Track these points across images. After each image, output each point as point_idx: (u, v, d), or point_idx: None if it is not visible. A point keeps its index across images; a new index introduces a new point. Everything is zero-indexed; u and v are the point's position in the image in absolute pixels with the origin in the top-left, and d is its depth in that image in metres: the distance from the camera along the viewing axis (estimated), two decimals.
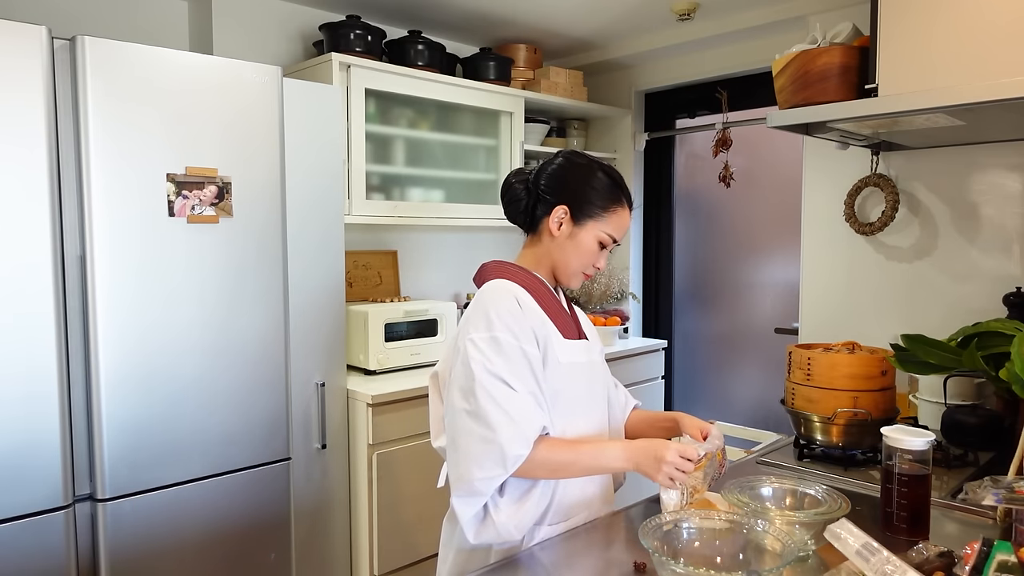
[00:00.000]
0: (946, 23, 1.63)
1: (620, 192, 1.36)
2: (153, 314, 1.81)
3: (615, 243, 1.38)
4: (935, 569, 1.03)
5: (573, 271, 1.37)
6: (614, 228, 1.35)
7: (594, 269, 1.39)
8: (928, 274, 2.36)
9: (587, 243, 1.35)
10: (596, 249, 1.36)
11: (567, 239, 1.35)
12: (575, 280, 1.39)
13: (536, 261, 1.40)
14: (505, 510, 1.24)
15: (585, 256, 1.36)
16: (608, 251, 1.39)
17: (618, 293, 3.53)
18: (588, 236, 1.35)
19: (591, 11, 2.85)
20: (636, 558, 1.17)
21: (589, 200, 1.34)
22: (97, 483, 1.75)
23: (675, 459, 1.20)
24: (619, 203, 1.36)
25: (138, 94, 1.76)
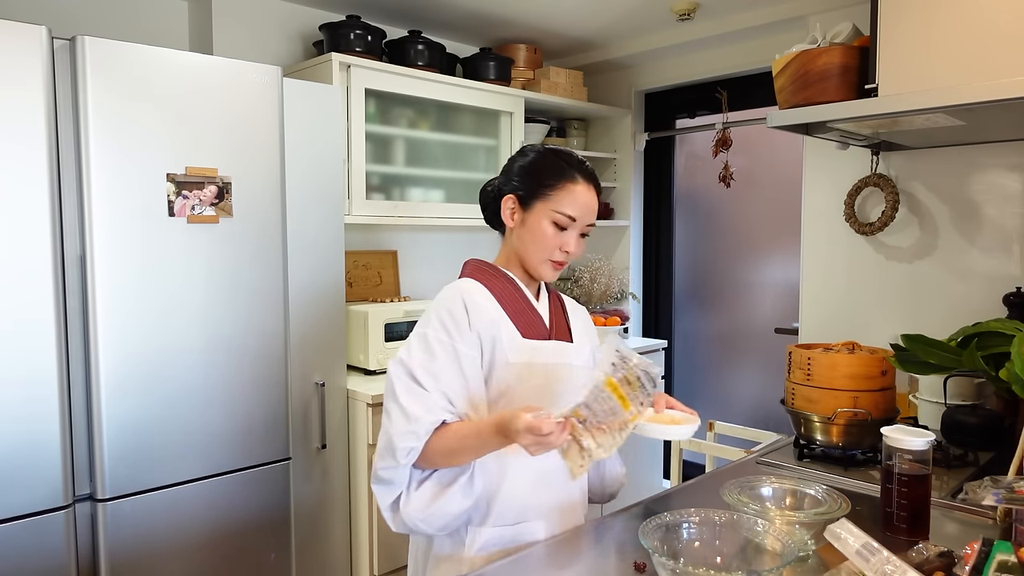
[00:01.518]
0: (946, 23, 1.63)
1: (567, 167, 1.31)
2: (153, 314, 1.81)
3: (573, 220, 1.30)
4: (935, 569, 1.03)
5: (537, 259, 1.32)
6: (566, 205, 1.29)
7: (563, 254, 1.32)
8: (928, 274, 2.36)
9: (540, 226, 1.30)
10: (551, 231, 1.29)
11: (521, 227, 1.33)
12: (544, 269, 1.33)
13: (507, 259, 1.38)
14: (414, 503, 1.23)
15: (541, 240, 1.30)
16: (576, 233, 1.32)
17: (618, 293, 3.53)
18: (539, 219, 1.30)
19: (591, 11, 2.85)
20: (636, 558, 1.17)
21: (534, 182, 1.31)
22: (97, 483, 1.75)
23: (528, 439, 1.09)
24: (567, 178, 1.30)
25: (138, 94, 1.76)
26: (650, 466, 3.48)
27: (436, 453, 1.22)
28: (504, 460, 1.27)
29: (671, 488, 1.72)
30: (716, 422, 2.79)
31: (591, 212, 1.32)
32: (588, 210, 1.31)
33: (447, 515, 1.23)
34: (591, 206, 1.32)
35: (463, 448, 1.21)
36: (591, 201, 1.32)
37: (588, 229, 1.34)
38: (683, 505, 1.30)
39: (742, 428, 2.76)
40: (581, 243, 1.34)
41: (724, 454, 2.57)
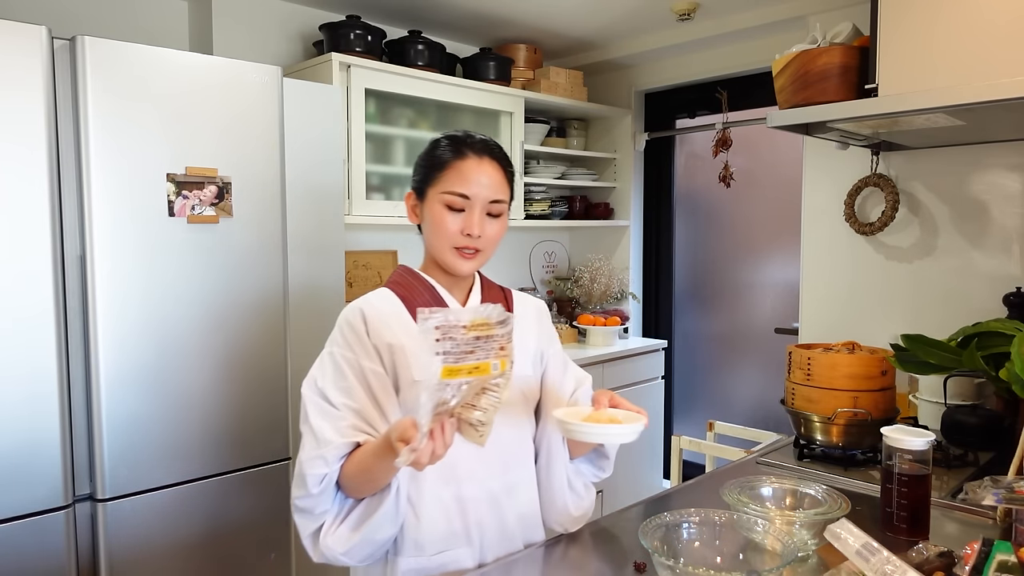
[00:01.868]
0: (946, 23, 1.63)
1: (454, 145, 1.22)
2: (153, 314, 1.81)
3: (466, 198, 1.19)
4: (935, 569, 1.03)
5: (441, 250, 1.22)
6: (454, 183, 1.19)
7: (465, 238, 1.20)
8: (928, 274, 2.36)
9: (435, 213, 1.21)
10: (447, 215, 1.19)
11: (423, 222, 1.25)
12: (451, 259, 1.22)
13: (426, 261, 1.31)
14: (336, 534, 1.12)
15: (440, 227, 1.20)
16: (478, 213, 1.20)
17: (618, 293, 3.53)
18: (432, 205, 1.21)
19: (591, 11, 2.85)
20: (636, 558, 1.17)
21: (424, 169, 1.24)
22: (97, 483, 1.75)
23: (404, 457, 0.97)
24: (455, 156, 1.20)
25: (138, 94, 1.76)
26: (650, 466, 3.48)
27: (348, 478, 1.11)
28: (420, 486, 1.17)
29: (671, 488, 1.72)
30: (716, 422, 2.79)
31: (489, 187, 1.20)
32: (483, 186, 1.19)
33: (373, 544, 1.13)
34: (487, 181, 1.20)
35: (365, 471, 1.09)
36: (486, 176, 1.20)
37: (497, 208, 1.23)
38: (683, 505, 1.30)
39: (742, 428, 2.76)
40: (494, 225, 1.23)
41: (724, 454, 2.57)
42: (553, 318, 3.48)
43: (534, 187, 3.33)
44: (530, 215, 3.27)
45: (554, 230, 3.78)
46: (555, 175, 3.44)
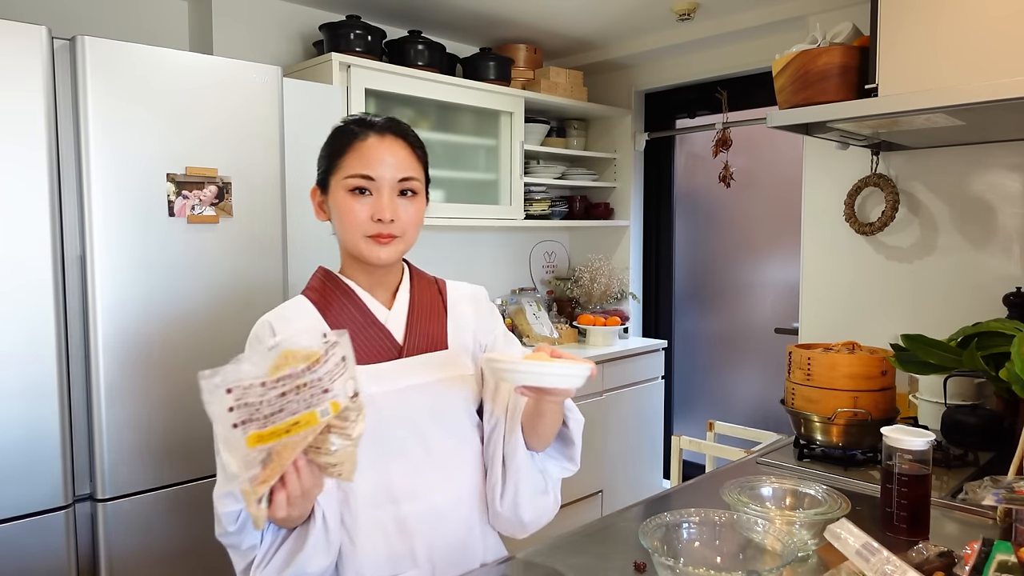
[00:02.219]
0: (946, 23, 1.63)
1: (352, 127, 1.15)
2: (153, 314, 1.81)
3: (371, 179, 1.10)
4: (935, 569, 1.03)
5: (354, 242, 1.13)
6: (355, 164, 1.11)
7: (376, 223, 1.10)
8: (928, 274, 2.36)
9: (340, 201, 1.12)
10: (352, 201, 1.11)
11: (332, 217, 1.16)
12: (367, 249, 1.12)
13: (343, 262, 1.21)
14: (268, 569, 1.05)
15: (346, 215, 1.11)
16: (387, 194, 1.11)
17: (618, 293, 3.53)
18: (337, 195, 1.13)
19: (591, 11, 2.85)
20: (636, 558, 1.17)
21: (324, 159, 1.17)
22: (97, 483, 1.75)
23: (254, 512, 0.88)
24: (354, 138, 1.13)
25: (138, 94, 1.76)
26: (650, 466, 3.48)
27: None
28: (354, 510, 1.11)
29: (671, 488, 1.72)
30: (716, 422, 2.79)
31: (395, 165, 1.11)
32: (387, 164, 1.11)
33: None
34: (392, 159, 1.11)
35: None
36: (389, 153, 1.11)
37: (411, 185, 1.13)
38: (683, 505, 1.30)
39: (742, 428, 2.76)
40: (409, 206, 1.13)
41: (724, 454, 2.57)
42: (553, 318, 3.48)
43: (534, 187, 3.33)
44: (530, 215, 3.27)
45: (554, 230, 3.78)
46: (555, 175, 3.44)
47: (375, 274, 1.19)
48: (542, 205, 3.34)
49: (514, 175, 3.10)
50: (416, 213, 1.15)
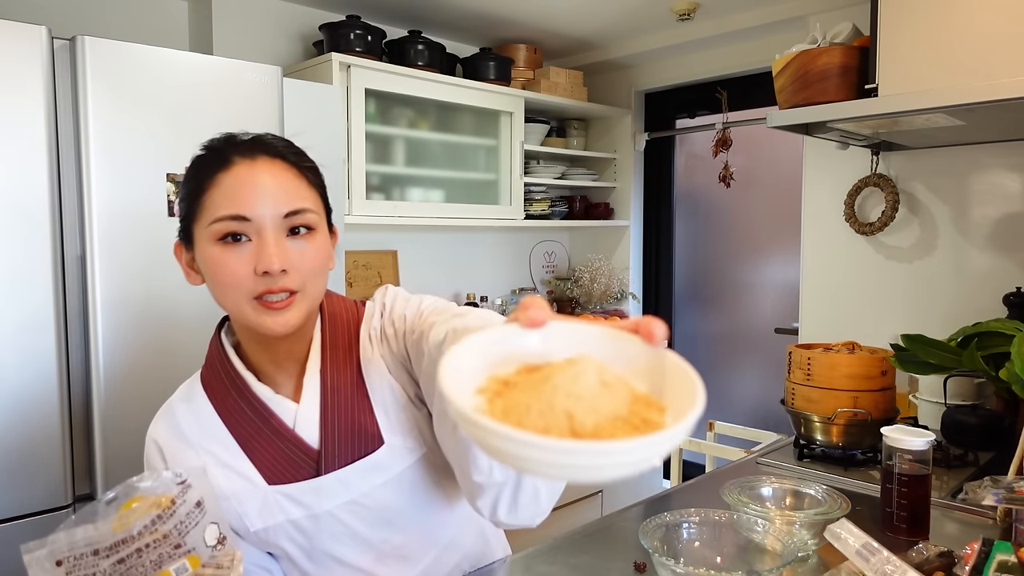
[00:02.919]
0: (946, 23, 1.63)
1: (211, 157, 0.85)
2: (153, 314, 1.81)
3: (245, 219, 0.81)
4: (935, 569, 1.03)
5: (237, 308, 0.85)
6: (220, 204, 0.82)
7: (263, 278, 0.82)
8: (928, 274, 2.36)
9: (208, 257, 0.83)
10: (223, 254, 0.82)
11: (201, 276, 0.89)
12: (259, 318, 0.84)
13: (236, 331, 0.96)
14: None
15: (218, 275, 0.83)
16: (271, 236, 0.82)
17: (618, 293, 3.53)
18: (203, 248, 0.84)
19: (591, 11, 2.85)
20: (636, 558, 1.17)
21: (184, 204, 0.87)
22: (97, 483, 1.75)
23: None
24: (214, 169, 0.84)
25: (138, 94, 1.76)
26: None
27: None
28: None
29: (671, 488, 1.72)
30: (716, 422, 2.79)
31: (274, 196, 0.82)
32: (264, 196, 0.81)
33: None
34: (269, 188, 0.82)
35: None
36: (268, 179, 0.82)
37: (303, 220, 0.84)
38: (683, 505, 1.30)
39: (742, 428, 2.76)
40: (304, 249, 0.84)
41: (724, 454, 2.57)
42: None
43: (534, 187, 3.33)
44: (530, 215, 3.27)
45: (554, 230, 3.78)
46: (555, 175, 3.44)
47: (277, 348, 0.91)
48: (542, 205, 3.34)
49: (514, 175, 3.10)
50: (316, 256, 0.85)
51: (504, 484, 0.80)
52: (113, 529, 0.66)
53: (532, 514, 0.86)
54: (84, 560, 0.65)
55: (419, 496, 0.95)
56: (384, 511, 0.93)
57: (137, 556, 0.67)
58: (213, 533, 0.72)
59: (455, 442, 0.79)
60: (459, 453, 0.79)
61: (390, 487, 0.92)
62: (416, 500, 0.95)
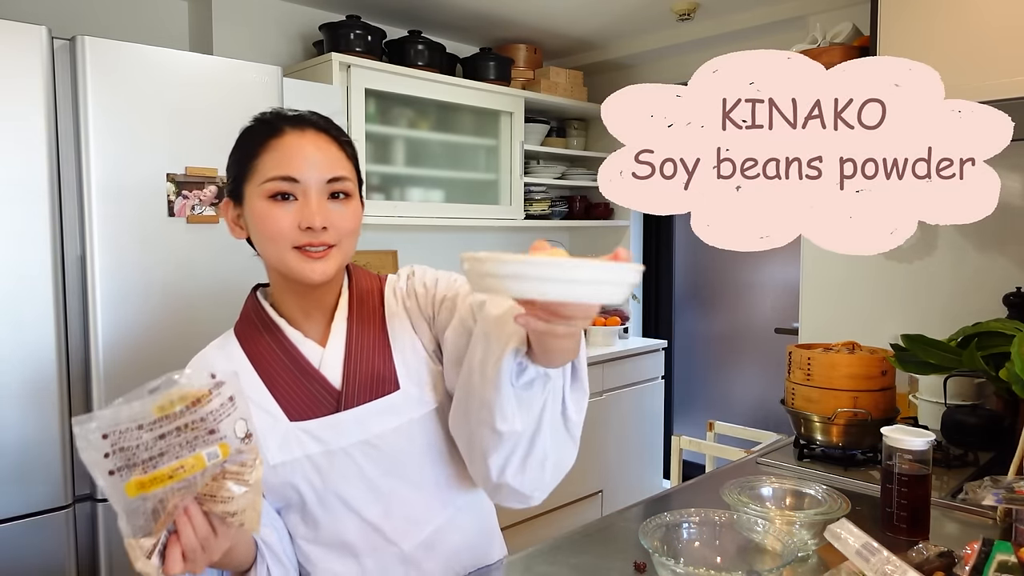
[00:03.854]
0: (946, 24, 1.64)
1: (262, 124, 0.97)
2: (153, 314, 1.81)
3: (295, 180, 0.92)
4: (935, 569, 1.03)
5: (281, 257, 0.94)
6: (272, 166, 0.93)
7: (306, 233, 0.92)
8: (928, 274, 2.36)
9: (257, 211, 0.93)
10: (274, 209, 0.93)
11: (250, 231, 0.98)
12: (296, 265, 0.94)
13: (273, 286, 1.03)
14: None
15: (267, 227, 0.93)
16: (315, 197, 0.93)
17: None
18: (253, 204, 0.94)
19: (591, 11, 2.85)
20: (636, 558, 1.17)
21: (235, 165, 0.98)
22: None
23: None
24: (266, 136, 0.95)
25: (138, 94, 1.76)
26: (650, 466, 3.48)
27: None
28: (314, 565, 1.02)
29: (671, 488, 1.72)
30: (716, 422, 2.79)
31: (320, 163, 0.94)
32: (312, 162, 0.93)
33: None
34: (316, 156, 0.94)
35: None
36: (314, 150, 0.94)
37: (342, 187, 0.96)
38: (683, 505, 1.30)
39: (742, 428, 2.76)
40: (342, 210, 0.96)
41: (724, 454, 2.57)
42: None
43: (534, 187, 3.33)
44: (530, 215, 3.27)
45: (554, 230, 3.78)
46: (555, 175, 3.44)
47: (309, 296, 1.00)
48: (542, 205, 3.34)
49: (514, 175, 3.10)
50: (352, 218, 0.98)
51: (521, 436, 0.87)
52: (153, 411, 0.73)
53: (536, 483, 0.93)
54: (128, 433, 0.72)
55: (427, 452, 1.02)
56: (394, 456, 0.99)
57: (176, 434, 0.73)
58: (242, 427, 0.78)
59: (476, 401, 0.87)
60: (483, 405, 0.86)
61: (401, 433, 0.99)
62: (424, 455, 1.02)
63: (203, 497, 0.78)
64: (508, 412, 0.84)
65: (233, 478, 0.78)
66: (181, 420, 0.74)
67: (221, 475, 0.77)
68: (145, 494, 0.73)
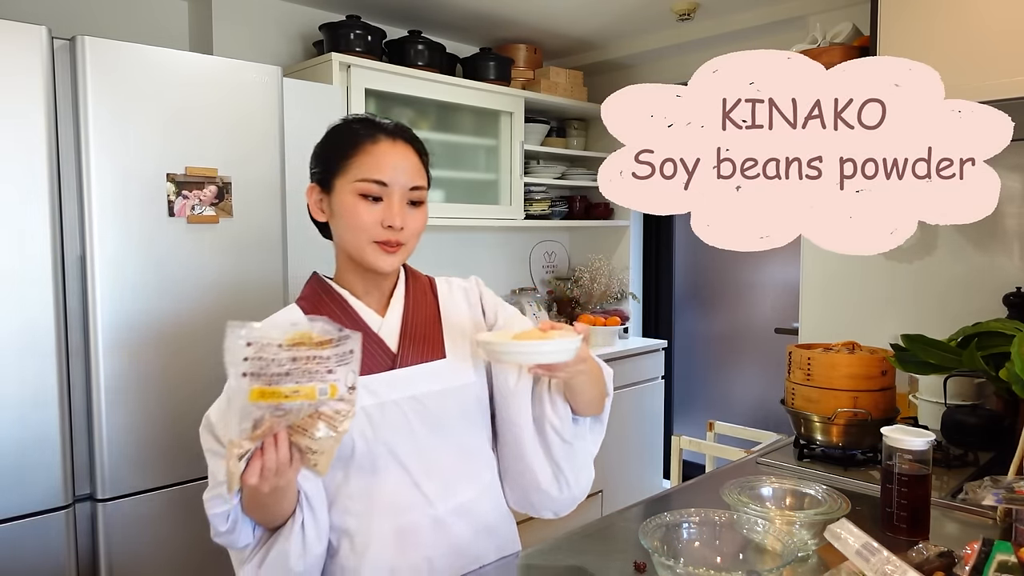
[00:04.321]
0: (946, 24, 1.64)
1: (362, 128, 1.11)
2: (153, 314, 1.81)
3: (384, 184, 1.07)
4: (935, 569, 1.03)
5: (358, 246, 1.09)
6: (368, 168, 1.07)
7: (387, 231, 1.08)
8: (928, 274, 2.36)
9: (346, 205, 1.08)
10: (360, 205, 1.07)
11: (332, 217, 1.12)
12: (371, 255, 1.09)
13: (340, 265, 1.18)
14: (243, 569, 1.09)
15: (353, 220, 1.08)
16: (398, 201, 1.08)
17: (618, 293, 3.54)
18: (343, 197, 1.08)
19: (591, 11, 2.85)
20: (636, 558, 1.17)
21: (329, 158, 1.12)
22: (97, 483, 1.75)
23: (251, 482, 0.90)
24: (364, 139, 1.09)
25: (138, 94, 1.76)
26: (650, 466, 3.48)
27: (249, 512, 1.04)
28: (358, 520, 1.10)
29: (671, 488, 1.72)
30: (716, 422, 2.79)
31: (406, 172, 1.09)
32: (400, 170, 1.09)
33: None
34: (404, 165, 1.09)
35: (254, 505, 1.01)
36: (402, 160, 1.09)
37: (418, 195, 1.11)
38: (683, 505, 1.30)
39: (742, 428, 2.76)
40: (415, 216, 1.11)
41: (724, 454, 2.57)
42: (553, 318, 3.48)
43: (534, 187, 3.33)
44: (530, 215, 3.27)
45: (554, 230, 3.78)
46: (555, 175, 3.44)
47: (372, 279, 1.16)
48: (542, 205, 3.34)
49: (514, 175, 3.11)
50: (422, 222, 1.14)
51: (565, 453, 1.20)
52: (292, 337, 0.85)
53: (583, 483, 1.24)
54: (268, 348, 0.84)
55: (462, 418, 1.17)
56: (437, 416, 1.13)
57: (304, 362, 0.85)
58: (351, 379, 0.89)
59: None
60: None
61: (444, 396, 1.14)
62: (459, 420, 1.16)
63: (295, 428, 0.88)
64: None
65: (327, 421, 0.88)
66: (309, 353, 0.85)
67: (318, 415, 0.88)
68: (260, 403, 0.84)
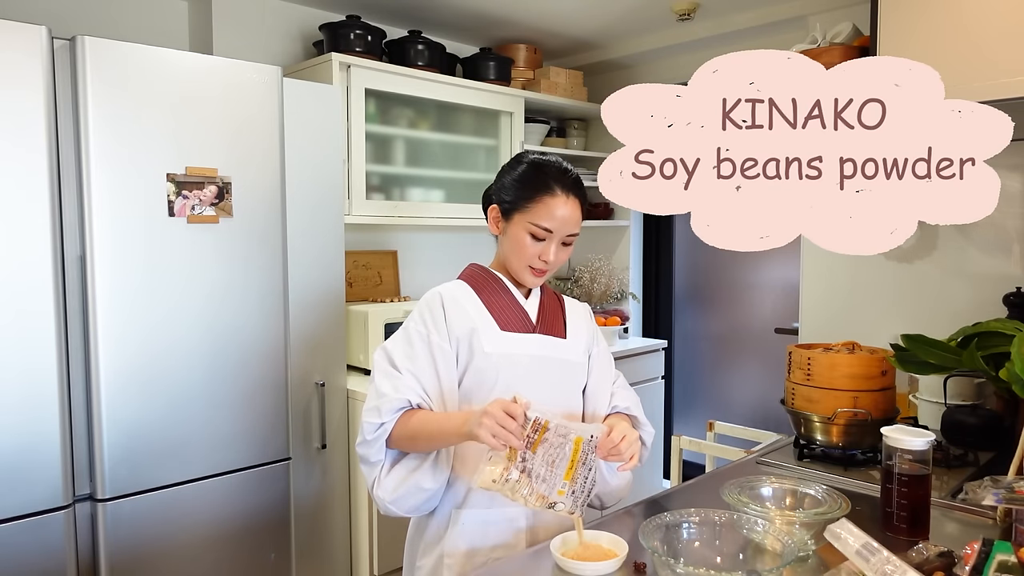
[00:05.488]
0: (946, 23, 1.64)
1: (546, 180, 1.34)
2: (153, 314, 1.81)
3: (550, 232, 1.34)
4: (935, 569, 1.03)
5: (518, 268, 1.39)
6: (542, 217, 1.33)
7: (540, 262, 1.36)
8: (928, 274, 2.36)
9: (518, 236, 1.36)
10: (529, 241, 1.35)
11: (504, 236, 1.40)
12: (524, 275, 1.39)
13: (498, 261, 1.47)
14: (384, 485, 1.30)
15: (519, 249, 1.36)
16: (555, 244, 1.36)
17: (618, 293, 3.53)
18: (517, 230, 1.36)
19: (591, 11, 2.85)
20: (636, 558, 1.17)
21: (515, 195, 1.36)
22: (97, 483, 1.75)
23: (496, 411, 1.15)
24: (546, 191, 1.33)
25: (138, 94, 1.76)
26: (650, 466, 3.48)
27: (400, 436, 1.28)
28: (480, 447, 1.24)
29: (671, 488, 1.72)
30: (716, 422, 2.79)
31: (570, 224, 1.35)
32: (565, 223, 1.34)
33: (414, 497, 1.29)
34: (570, 218, 1.35)
35: (420, 434, 1.26)
36: (570, 214, 1.34)
37: (571, 239, 1.38)
38: (683, 505, 1.30)
39: (742, 428, 2.76)
40: (563, 252, 1.39)
41: (724, 454, 2.57)
42: None
43: None
44: None
45: None
46: None
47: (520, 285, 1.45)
48: None
49: None
50: (567, 256, 1.40)
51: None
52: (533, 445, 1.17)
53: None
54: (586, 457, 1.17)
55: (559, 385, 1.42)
56: (548, 375, 1.40)
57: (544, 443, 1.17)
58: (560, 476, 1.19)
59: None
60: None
61: (562, 365, 1.42)
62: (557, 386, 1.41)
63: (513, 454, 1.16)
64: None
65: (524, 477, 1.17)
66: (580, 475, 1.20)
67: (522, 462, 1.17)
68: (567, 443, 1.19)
